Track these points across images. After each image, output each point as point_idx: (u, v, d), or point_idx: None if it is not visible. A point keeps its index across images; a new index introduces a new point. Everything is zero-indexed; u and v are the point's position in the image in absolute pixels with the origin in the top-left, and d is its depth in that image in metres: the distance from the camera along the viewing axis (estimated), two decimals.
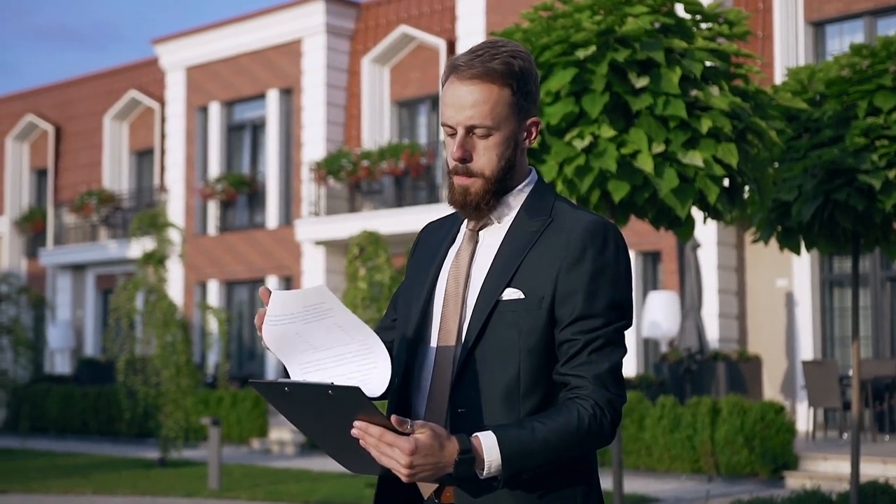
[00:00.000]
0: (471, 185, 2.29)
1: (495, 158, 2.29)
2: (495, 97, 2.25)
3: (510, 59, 2.27)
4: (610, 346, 2.23)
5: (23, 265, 27.59)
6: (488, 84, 2.25)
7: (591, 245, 2.24)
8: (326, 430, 2.12)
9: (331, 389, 2.01)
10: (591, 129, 6.23)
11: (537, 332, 2.22)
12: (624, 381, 2.27)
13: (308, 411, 2.10)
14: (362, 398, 2.01)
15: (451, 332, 2.30)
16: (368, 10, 21.77)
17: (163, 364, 15.14)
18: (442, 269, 2.39)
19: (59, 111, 27.30)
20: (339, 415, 2.05)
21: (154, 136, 24.97)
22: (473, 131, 2.27)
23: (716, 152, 6.30)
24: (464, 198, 2.30)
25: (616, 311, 2.25)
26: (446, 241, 2.43)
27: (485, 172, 2.29)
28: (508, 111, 2.27)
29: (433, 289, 2.38)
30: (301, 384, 2.05)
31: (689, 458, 13.00)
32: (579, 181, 6.25)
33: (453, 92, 2.27)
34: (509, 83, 2.26)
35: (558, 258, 2.24)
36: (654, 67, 6.30)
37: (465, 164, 2.29)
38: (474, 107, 2.25)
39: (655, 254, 17.39)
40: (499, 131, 2.27)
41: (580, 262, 2.23)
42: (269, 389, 2.11)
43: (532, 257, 2.26)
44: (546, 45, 6.32)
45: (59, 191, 26.80)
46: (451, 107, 2.27)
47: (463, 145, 2.28)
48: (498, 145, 2.28)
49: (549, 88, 6.23)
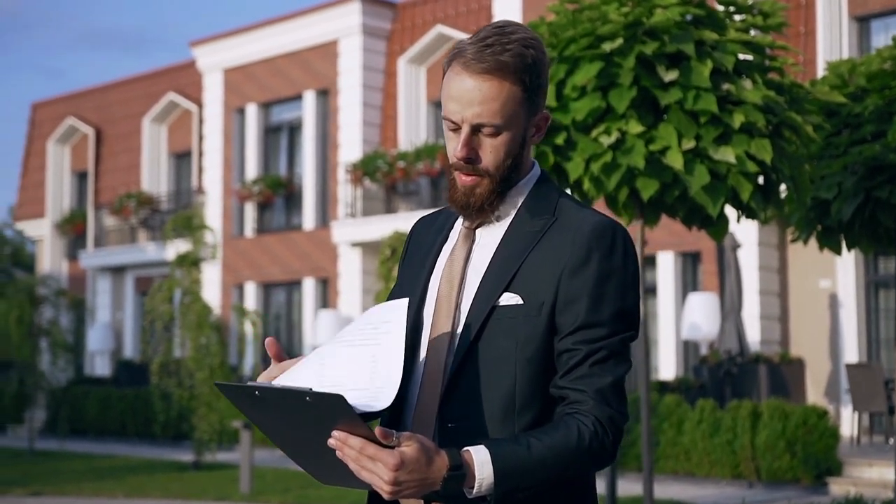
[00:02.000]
0: (476, 184, 2.11)
1: (503, 157, 2.10)
2: (506, 94, 2.06)
3: (522, 51, 2.06)
4: (614, 359, 2.04)
5: (64, 267, 27.75)
6: (499, 80, 2.05)
7: (597, 248, 2.05)
8: (300, 440, 1.95)
9: (309, 396, 1.82)
10: (619, 124, 6.03)
11: (536, 340, 2.04)
12: (626, 395, 2.08)
13: (280, 418, 1.92)
14: (345, 406, 1.82)
15: (442, 339, 2.12)
16: (405, 10, 21.64)
17: (197, 366, 15.08)
18: (434, 269, 2.21)
19: (99, 114, 27.44)
20: (317, 424, 1.87)
21: (192, 138, 25.01)
22: (480, 129, 2.08)
23: (749, 148, 6.07)
24: (467, 198, 2.12)
25: (622, 320, 2.05)
26: (440, 238, 2.25)
27: (490, 171, 2.10)
28: (519, 108, 2.08)
29: (425, 291, 2.20)
30: (275, 388, 1.86)
31: (729, 463, 12.71)
32: (606, 179, 6.04)
33: (459, 85, 2.07)
34: (521, 78, 2.06)
35: (561, 261, 2.05)
36: (683, 60, 6.09)
37: (468, 164, 2.10)
38: (483, 104, 2.05)
39: (695, 255, 17.09)
40: (508, 130, 2.08)
41: (585, 265, 2.04)
42: (238, 393, 1.93)
43: (533, 259, 2.08)
44: (572, 39, 6.13)
45: (100, 193, 26.93)
46: (457, 101, 2.07)
47: (469, 143, 2.08)
48: (506, 144, 2.09)
49: (575, 83, 6.03)
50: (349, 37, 21.46)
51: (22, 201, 29.31)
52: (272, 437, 2.00)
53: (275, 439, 2.00)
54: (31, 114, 29.38)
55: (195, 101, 24.79)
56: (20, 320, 18.62)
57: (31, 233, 28.84)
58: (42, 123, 28.82)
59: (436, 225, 2.28)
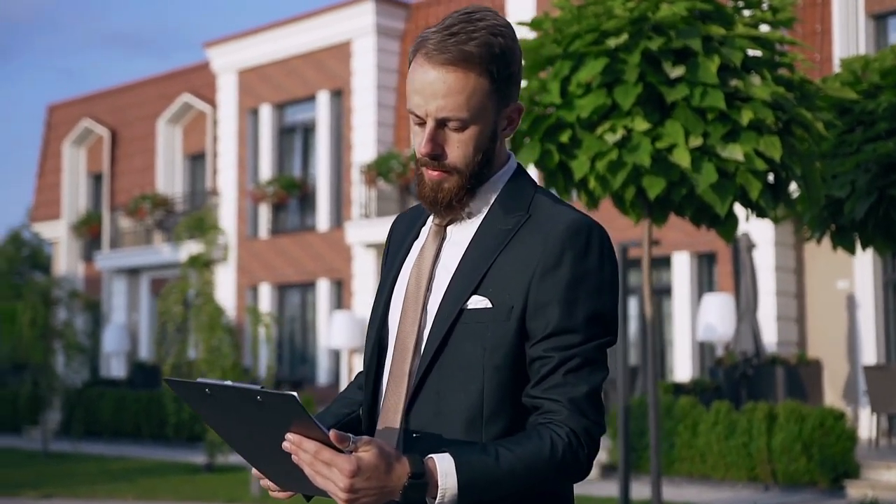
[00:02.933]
0: (443, 180, 2.00)
1: (471, 152, 1.99)
2: (472, 86, 1.94)
3: (489, 39, 1.94)
4: (589, 367, 1.92)
5: (80, 269, 27.79)
6: (464, 71, 1.94)
7: (570, 247, 1.94)
8: (255, 442, 1.86)
9: (259, 395, 1.73)
10: (624, 122, 5.92)
11: (505, 347, 1.93)
12: (604, 407, 1.96)
13: (233, 419, 1.84)
14: (296, 407, 1.73)
15: (407, 343, 2.01)
16: (418, 10, 21.55)
17: (209, 368, 14.99)
18: (403, 267, 2.11)
19: (114, 116, 27.46)
20: (270, 425, 1.79)
21: (206, 139, 25.00)
22: (446, 124, 1.97)
23: (757, 145, 5.94)
24: (435, 194, 2.01)
25: (597, 325, 1.94)
26: (411, 235, 2.15)
27: (459, 167, 1.99)
28: (487, 101, 1.97)
29: (392, 290, 2.09)
30: (226, 386, 1.77)
31: (744, 465, 12.55)
32: (612, 177, 5.93)
33: (423, 77, 1.96)
34: (489, 69, 1.95)
35: (532, 262, 1.94)
36: (690, 56, 5.96)
37: (433, 160, 1.99)
38: (447, 97, 1.94)
39: (710, 255, 16.93)
40: (475, 124, 1.97)
41: (557, 267, 1.93)
42: (188, 390, 1.84)
43: (503, 260, 1.96)
44: (576, 34, 6.02)
45: (115, 195, 26.95)
46: (420, 94, 1.96)
47: (433, 139, 1.98)
48: (474, 138, 1.98)
49: (580, 80, 5.92)
50: (363, 37, 21.39)
51: (38, 203, 29.37)
52: (226, 439, 1.92)
53: (229, 441, 1.92)
54: (47, 115, 29.44)
55: (209, 103, 24.77)
56: (33, 322, 18.63)
57: (48, 234, 28.89)
58: (58, 125, 28.88)
59: (412, 220, 2.18)
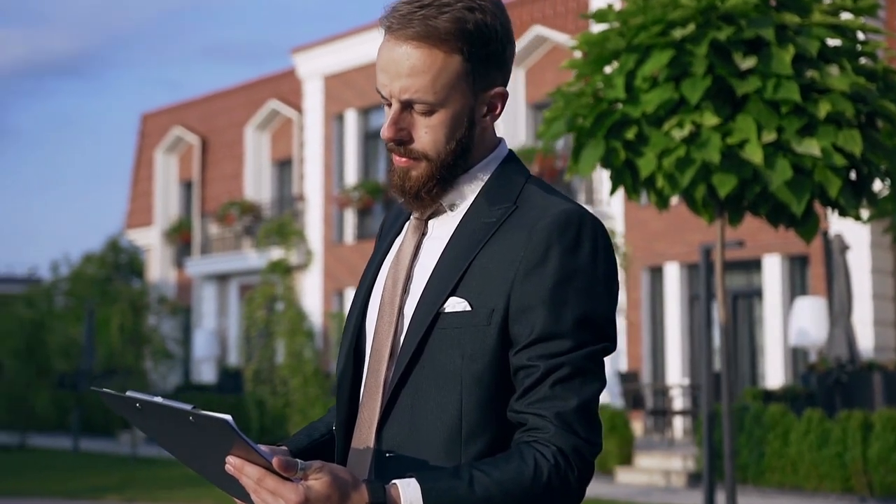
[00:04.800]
0: (410, 167, 1.79)
1: (442, 139, 1.77)
2: (439, 65, 1.73)
3: (463, 14, 1.73)
4: (580, 377, 1.69)
5: (171, 275, 28.18)
6: (429, 48, 1.73)
7: (557, 242, 1.71)
8: (199, 457, 1.71)
9: (192, 416, 1.57)
10: (693, 116, 5.63)
11: (486, 355, 1.71)
12: (599, 422, 1.72)
13: (171, 434, 1.69)
14: (230, 433, 1.55)
15: (383, 351, 1.80)
16: None
17: (290, 373, 15.01)
18: (383, 266, 1.90)
19: (204, 123, 27.81)
20: (208, 446, 1.63)
21: (293, 145, 25.13)
22: (412, 106, 1.76)
23: (836, 140, 5.60)
24: (402, 182, 1.80)
25: (589, 329, 1.70)
26: (394, 230, 1.94)
27: (428, 154, 1.78)
28: (459, 82, 1.75)
29: (370, 290, 1.89)
30: (157, 404, 1.61)
31: (838, 476, 12.07)
32: (680, 175, 5.64)
33: (387, 53, 1.76)
34: (459, 47, 1.73)
35: (516, 259, 1.72)
36: (763, 47, 5.65)
37: (399, 146, 1.79)
38: (411, 76, 1.73)
39: (803, 258, 16.38)
40: (444, 108, 1.76)
41: (543, 263, 1.70)
42: (120, 403, 1.68)
43: (485, 257, 1.74)
44: (642, 26, 5.75)
45: (205, 202, 27.28)
46: (385, 72, 1.76)
47: (396, 122, 1.77)
48: (444, 124, 1.76)
49: (645, 73, 5.65)
50: None
51: (132, 211, 29.89)
52: (172, 452, 1.77)
53: (177, 456, 1.77)
54: (141, 124, 29.96)
55: (296, 109, 24.90)
56: (122, 328, 18.88)
57: (141, 242, 29.38)
58: (151, 133, 29.36)
59: (400, 214, 1.96)
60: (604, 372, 1.73)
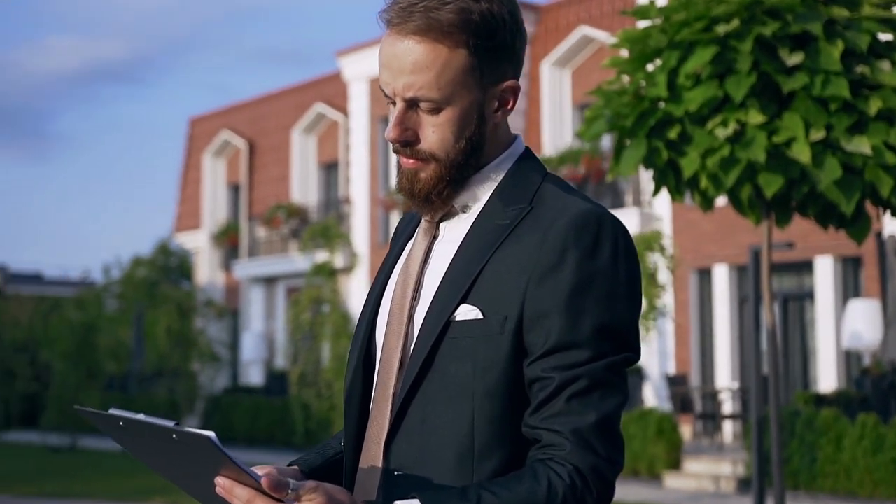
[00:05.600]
0: (419, 169, 1.68)
1: (450, 138, 1.67)
2: (443, 60, 1.63)
3: (467, 5, 1.63)
4: (599, 390, 1.57)
5: (219, 278, 28.31)
6: (432, 42, 1.62)
7: (574, 245, 1.59)
8: (184, 475, 1.63)
9: (175, 433, 1.49)
10: (737, 115, 5.47)
11: (499, 365, 1.60)
12: (621, 439, 1.60)
13: (156, 451, 1.61)
14: (214, 451, 1.47)
15: (392, 361, 1.70)
16: (547, 12, 21.18)
17: (335, 376, 14.99)
18: (394, 272, 1.79)
19: (251, 127, 27.92)
20: (194, 465, 1.55)
21: (339, 148, 25.15)
22: (417, 104, 1.66)
23: (888, 137, 5.42)
24: (411, 184, 1.70)
25: (609, 338, 1.59)
26: (407, 234, 1.84)
27: (436, 154, 1.67)
28: (465, 78, 1.65)
29: (381, 298, 1.78)
30: (139, 421, 1.54)
31: (894, 482, 11.80)
32: (724, 175, 5.49)
33: (389, 49, 1.66)
34: (465, 40, 1.63)
35: (530, 263, 1.60)
36: (810, 42, 5.47)
37: (405, 147, 1.68)
38: (415, 72, 1.63)
39: (855, 259, 16.05)
40: (451, 105, 1.65)
41: (558, 268, 1.59)
42: (103, 421, 1.61)
43: (498, 261, 1.63)
44: (684, 22, 5.60)
45: (253, 205, 27.39)
46: (387, 69, 1.66)
47: (402, 122, 1.67)
48: (451, 122, 1.66)
49: (688, 71, 5.50)
50: None
51: (181, 214, 30.09)
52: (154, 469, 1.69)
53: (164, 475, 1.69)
54: (189, 128, 30.16)
55: (342, 112, 24.91)
56: (169, 331, 18.97)
57: (190, 245, 29.56)
58: (199, 137, 29.55)
59: (416, 217, 1.86)
60: (626, 384, 1.61)
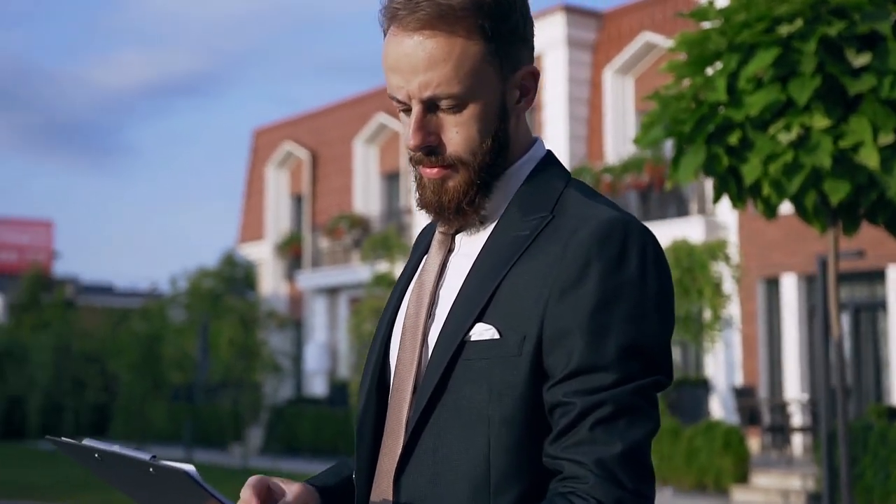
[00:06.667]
0: (446, 177, 1.54)
1: (476, 137, 1.52)
2: (460, 50, 1.48)
3: None
4: (626, 416, 1.42)
5: (283, 289, 28.43)
6: (446, 33, 1.48)
7: (598, 256, 1.44)
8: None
9: (152, 467, 1.40)
10: (801, 119, 5.25)
11: (517, 389, 1.45)
12: (650, 470, 1.43)
13: (134, 483, 1.51)
14: (193, 486, 1.37)
15: (405, 386, 1.56)
16: (610, 19, 20.95)
17: None
18: (408, 290, 1.65)
19: (314, 137, 28.03)
20: (174, 497, 1.45)
21: (401, 158, 25.11)
22: (437, 105, 1.51)
23: None
24: (439, 197, 1.54)
25: (637, 359, 1.43)
26: (422, 247, 1.70)
27: (463, 158, 1.52)
28: (485, 66, 1.50)
29: (395, 316, 1.64)
30: (114, 453, 1.44)
31: None
32: (787, 182, 5.27)
33: (396, 49, 1.51)
34: (479, 24, 1.49)
35: (550, 278, 1.46)
36: (878, 42, 5.25)
37: (429, 155, 1.53)
38: (430, 68, 1.48)
39: None
40: (475, 100, 1.51)
41: (580, 283, 1.44)
42: (77, 452, 1.51)
43: (516, 276, 1.49)
44: (745, 24, 5.40)
45: (315, 215, 27.47)
46: (397, 72, 1.51)
47: (423, 127, 1.51)
48: (476, 119, 1.51)
49: (749, 74, 5.30)
50: (554, 50, 20.97)
51: (245, 225, 30.29)
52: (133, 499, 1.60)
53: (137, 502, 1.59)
54: (253, 140, 30.37)
55: None
56: (231, 342, 19.04)
57: (254, 256, 29.73)
58: (262, 149, 29.74)
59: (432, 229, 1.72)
60: (656, 410, 1.45)
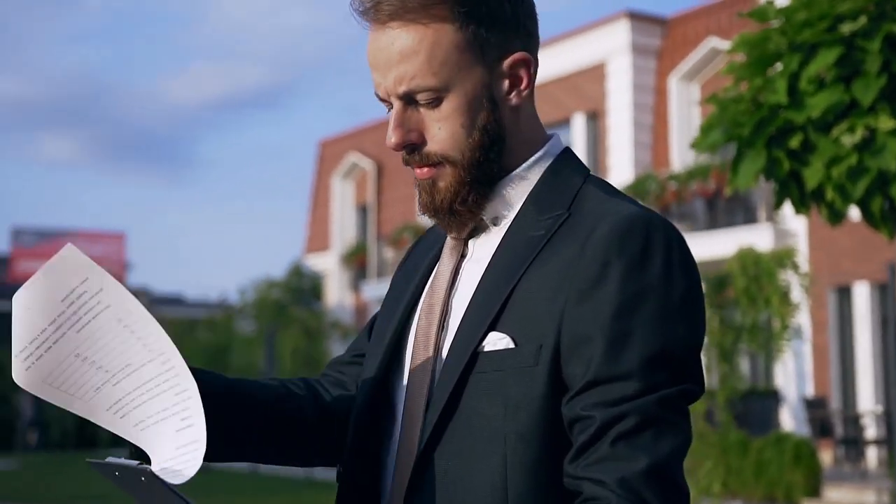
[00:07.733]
0: (435, 177, 1.45)
1: (461, 132, 1.43)
2: (431, 39, 1.40)
3: None
4: (651, 429, 1.29)
5: (348, 299, 28.50)
6: (415, 22, 1.40)
7: (619, 256, 1.33)
8: None
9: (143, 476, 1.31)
10: (866, 120, 5.06)
11: (535, 403, 1.34)
12: (679, 487, 1.29)
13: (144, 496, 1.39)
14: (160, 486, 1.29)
15: (418, 397, 1.45)
16: (675, 25, 20.69)
17: None
18: (423, 295, 1.54)
19: (379, 148, 28.10)
20: None
21: None
22: (416, 100, 1.43)
23: None
24: (432, 197, 1.46)
25: (662, 367, 1.31)
26: (433, 253, 1.59)
27: (449, 154, 1.43)
28: (461, 55, 1.41)
29: (406, 325, 1.53)
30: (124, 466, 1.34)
31: None
32: (852, 186, 5.08)
33: (372, 45, 1.45)
34: (448, 10, 1.40)
35: (567, 280, 1.34)
36: None
37: (412, 154, 1.45)
38: (403, 61, 1.41)
39: None
40: (453, 91, 1.42)
41: (599, 285, 1.33)
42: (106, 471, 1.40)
43: (530, 280, 1.37)
44: (806, 22, 5.22)
45: (381, 226, 27.52)
46: (375, 69, 1.45)
47: (403, 124, 1.44)
48: (458, 112, 1.42)
49: (810, 74, 5.12)
50: (618, 56, 20.76)
51: (311, 236, 30.46)
52: None
53: None
54: (319, 151, 30.55)
55: None
56: (295, 352, 19.11)
57: (320, 266, 29.87)
58: (328, 159, 29.89)
59: (439, 238, 1.61)
60: (687, 422, 1.31)
